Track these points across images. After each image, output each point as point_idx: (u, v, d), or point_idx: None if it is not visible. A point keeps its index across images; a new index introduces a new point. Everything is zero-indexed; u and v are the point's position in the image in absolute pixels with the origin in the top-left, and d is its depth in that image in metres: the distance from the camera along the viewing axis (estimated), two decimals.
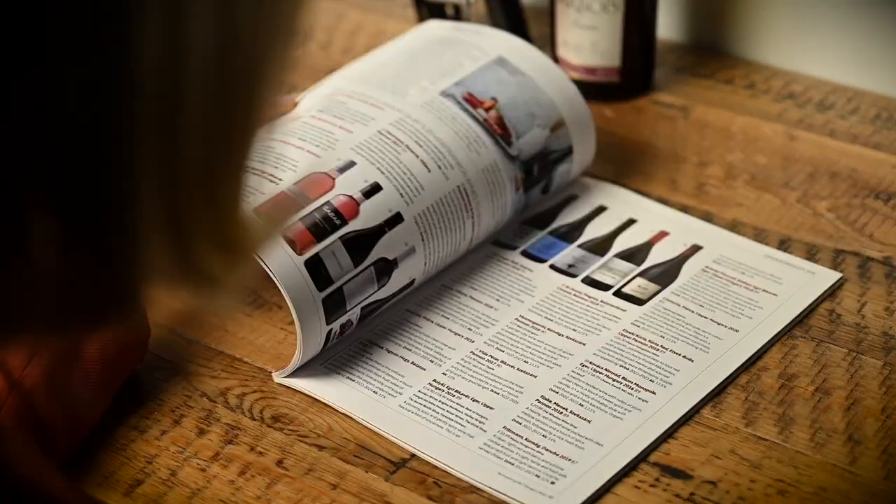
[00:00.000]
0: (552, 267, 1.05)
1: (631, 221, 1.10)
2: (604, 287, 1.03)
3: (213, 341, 0.99)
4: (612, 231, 1.09)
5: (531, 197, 1.09)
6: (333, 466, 0.89)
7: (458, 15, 1.40)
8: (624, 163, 1.19)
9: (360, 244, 0.95)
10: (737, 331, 0.98)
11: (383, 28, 1.45)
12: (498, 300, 1.01)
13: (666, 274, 1.04)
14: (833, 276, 1.04)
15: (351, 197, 0.97)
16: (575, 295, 1.02)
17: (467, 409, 0.92)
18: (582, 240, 1.08)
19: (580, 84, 1.28)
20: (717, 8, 1.36)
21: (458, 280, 1.04)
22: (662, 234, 1.08)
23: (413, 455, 0.89)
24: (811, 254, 1.07)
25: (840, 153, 1.20)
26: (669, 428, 0.90)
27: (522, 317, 1.00)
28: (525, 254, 1.06)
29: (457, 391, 0.93)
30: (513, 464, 0.88)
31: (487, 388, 0.93)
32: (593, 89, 1.29)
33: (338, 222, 0.95)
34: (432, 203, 1.00)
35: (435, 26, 1.17)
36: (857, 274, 1.05)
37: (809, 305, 1.01)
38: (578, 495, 0.85)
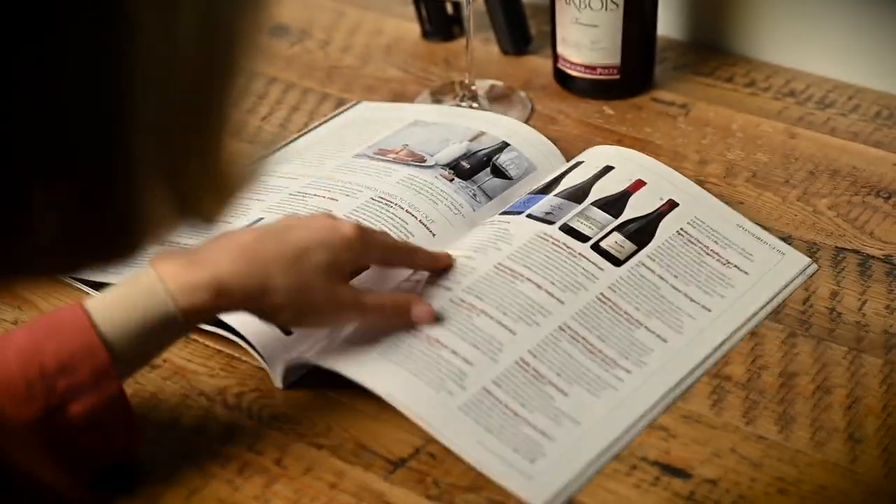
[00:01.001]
0: (529, 216, 1.04)
1: (608, 168, 1.10)
2: (582, 238, 1.02)
3: (211, 340, 0.99)
4: (589, 178, 1.09)
5: (483, 181, 1.13)
6: (332, 466, 0.88)
7: (457, 12, 1.40)
8: None
9: None
10: (709, 310, 0.99)
11: (382, 26, 1.44)
12: (475, 251, 1.01)
13: (642, 231, 1.04)
14: (803, 261, 1.05)
15: None
16: (553, 243, 1.01)
17: (448, 361, 0.91)
18: (559, 189, 1.08)
19: (580, 81, 1.28)
20: (717, 5, 1.36)
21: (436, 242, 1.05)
22: (640, 184, 1.08)
23: (416, 452, 0.89)
24: (812, 251, 1.06)
25: (841, 151, 1.20)
26: (644, 415, 0.91)
27: (501, 264, 0.99)
28: (503, 213, 1.07)
29: (436, 340, 0.93)
30: (492, 432, 0.88)
31: (467, 341, 0.93)
32: (593, 87, 1.28)
33: None
34: (348, 212, 1.07)
35: (363, 108, 1.28)
36: (858, 272, 1.05)
37: (781, 290, 1.02)
38: (557, 478, 0.86)
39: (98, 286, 1.04)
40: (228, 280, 0.86)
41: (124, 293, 0.85)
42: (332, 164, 1.16)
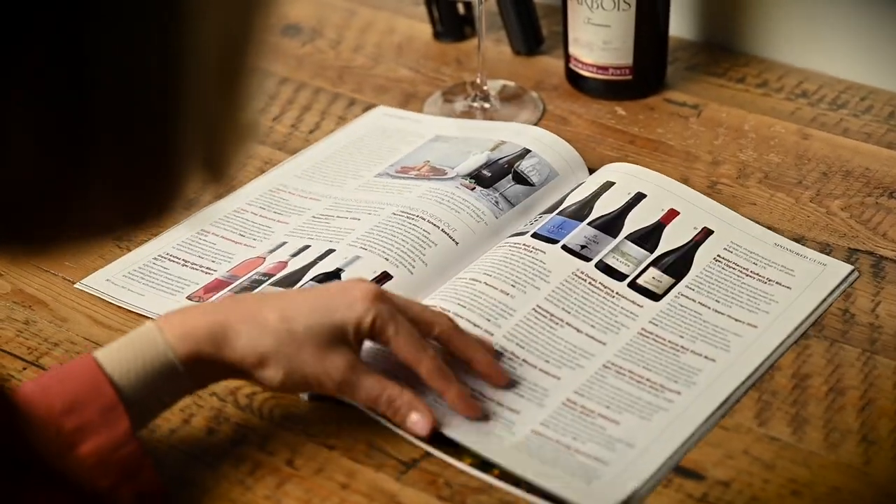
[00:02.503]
0: (564, 248, 1.04)
1: (640, 196, 1.09)
2: (618, 276, 1.02)
3: None
4: (621, 207, 1.08)
5: (504, 188, 1.12)
6: (344, 466, 0.88)
7: (469, 12, 1.40)
8: (636, 162, 1.18)
9: (289, 280, 1.03)
10: (755, 326, 0.98)
11: (394, 25, 1.44)
12: (514, 286, 1.00)
13: (679, 263, 1.04)
14: (845, 269, 1.04)
15: (280, 261, 1.06)
16: (590, 283, 1.01)
17: (495, 413, 0.91)
18: (592, 217, 1.07)
19: (592, 82, 1.28)
20: (729, 6, 1.35)
21: (471, 266, 1.03)
22: (673, 214, 1.08)
23: (427, 453, 0.89)
24: (825, 253, 1.06)
25: (853, 152, 1.19)
26: (699, 427, 0.90)
27: (539, 307, 0.99)
28: (536, 236, 1.05)
29: (481, 393, 0.92)
30: (546, 463, 0.87)
31: (512, 391, 0.92)
32: (605, 87, 1.28)
33: (265, 279, 1.04)
34: (369, 229, 1.08)
35: (380, 114, 1.27)
36: (871, 273, 1.04)
37: (825, 299, 1.01)
38: (616, 494, 0.85)
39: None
40: (227, 328, 0.85)
41: (127, 342, 0.84)
42: (354, 185, 1.16)
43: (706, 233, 1.07)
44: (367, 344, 0.91)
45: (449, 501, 0.85)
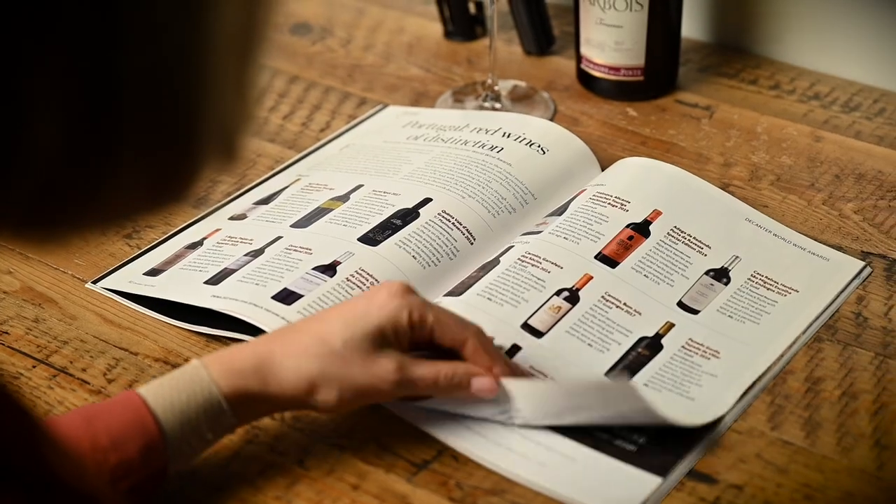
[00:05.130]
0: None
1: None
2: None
3: (233, 339, 0.98)
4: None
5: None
6: (354, 467, 0.88)
7: (480, 12, 1.39)
8: None
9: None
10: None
11: (404, 25, 1.44)
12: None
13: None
14: (856, 266, 1.05)
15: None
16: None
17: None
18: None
19: (603, 82, 1.28)
20: (741, 7, 1.35)
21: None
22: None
23: (438, 454, 0.88)
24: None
25: (866, 154, 1.19)
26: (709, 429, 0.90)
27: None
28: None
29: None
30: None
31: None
32: (616, 88, 1.28)
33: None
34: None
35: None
36: (884, 276, 1.04)
37: (836, 296, 1.02)
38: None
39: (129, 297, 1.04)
40: (271, 361, 0.84)
41: (171, 379, 0.83)
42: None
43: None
44: None
45: (460, 503, 0.85)
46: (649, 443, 0.88)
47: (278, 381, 0.84)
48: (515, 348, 0.95)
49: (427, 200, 1.08)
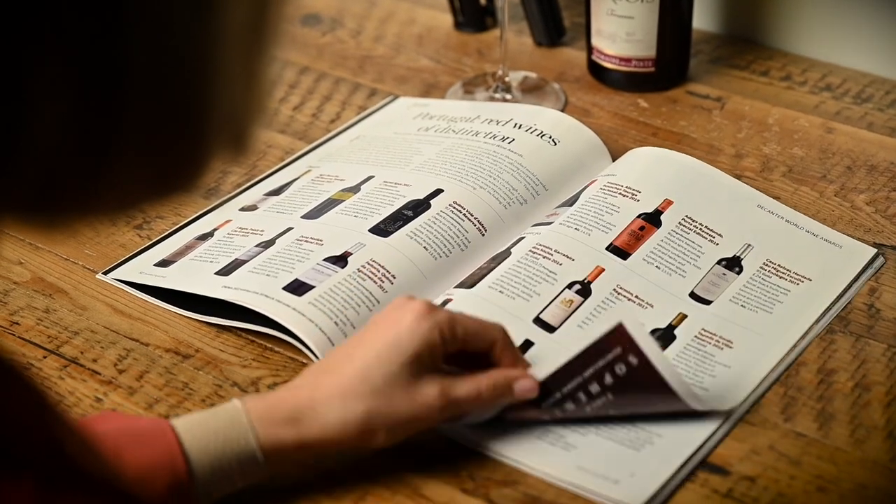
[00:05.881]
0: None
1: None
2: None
3: (243, 330, 0.98)
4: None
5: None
6: (366, 458, 0.87)
7: (490, 3, 1.39)
8: None
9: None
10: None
11: (414, 16, 1.44)
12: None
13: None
14: (868, 253, 1.05)
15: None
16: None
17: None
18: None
19: (614, 74, 1.27)
20: None
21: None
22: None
23: (450, 444, 0.88)
24: None
25: (878, 146, 1.19)
26: (720, 423, 0.89)
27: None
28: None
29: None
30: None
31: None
32: (627, 79, 1.27)
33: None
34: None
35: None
36: None
37: (848, 285, 1.02)
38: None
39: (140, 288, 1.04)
40: (315, 405, 0.82)
41: (209, 418, 0.81)
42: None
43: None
44: None
45: (472, 494, 0.85)
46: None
47: (321, 428, 0.81)
48: (528, 343, 0.95)
49: (438, 191, 1.08)
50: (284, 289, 0.98)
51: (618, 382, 0.86)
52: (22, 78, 0.43)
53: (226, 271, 1.02)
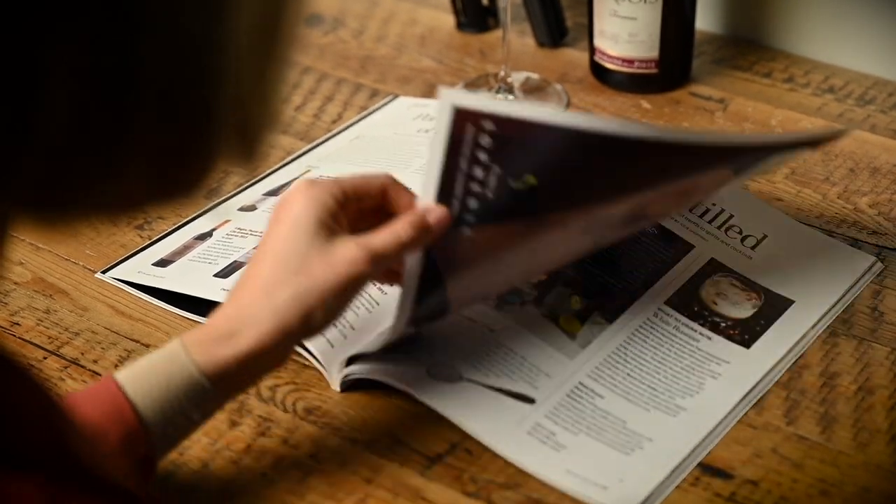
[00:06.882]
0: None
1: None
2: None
3: None
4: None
5: None
6: (367, 461, 0.87)
7: (492, 3, 1.39)
8: None
9: None
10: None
11: (416, 16, 1.43)
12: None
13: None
14: (868, 261, 1.03)
15: None
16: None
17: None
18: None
19: (617, 75, 1.27)
20: (756, 0, 1.34)
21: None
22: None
23: (452, 448, 0.88)
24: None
25: (881, 148, 1.18)
26: (719, 423, 0.89)
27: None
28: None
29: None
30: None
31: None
32: (630, 80, 1.27)
33: None
34: None
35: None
36: None
37: (847, 290, 1.01)
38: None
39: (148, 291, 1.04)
40: (242, 314, 0.81)
41: (150, 361, 0.80)
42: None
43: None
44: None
45: (475, 497, 0.85)
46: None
47: (258, 332, 0.80)
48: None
49: None
50: None
51: (493, 152, 0.82)
52: (33, 77, 0.43)
53: (224, 273, 1.02)
